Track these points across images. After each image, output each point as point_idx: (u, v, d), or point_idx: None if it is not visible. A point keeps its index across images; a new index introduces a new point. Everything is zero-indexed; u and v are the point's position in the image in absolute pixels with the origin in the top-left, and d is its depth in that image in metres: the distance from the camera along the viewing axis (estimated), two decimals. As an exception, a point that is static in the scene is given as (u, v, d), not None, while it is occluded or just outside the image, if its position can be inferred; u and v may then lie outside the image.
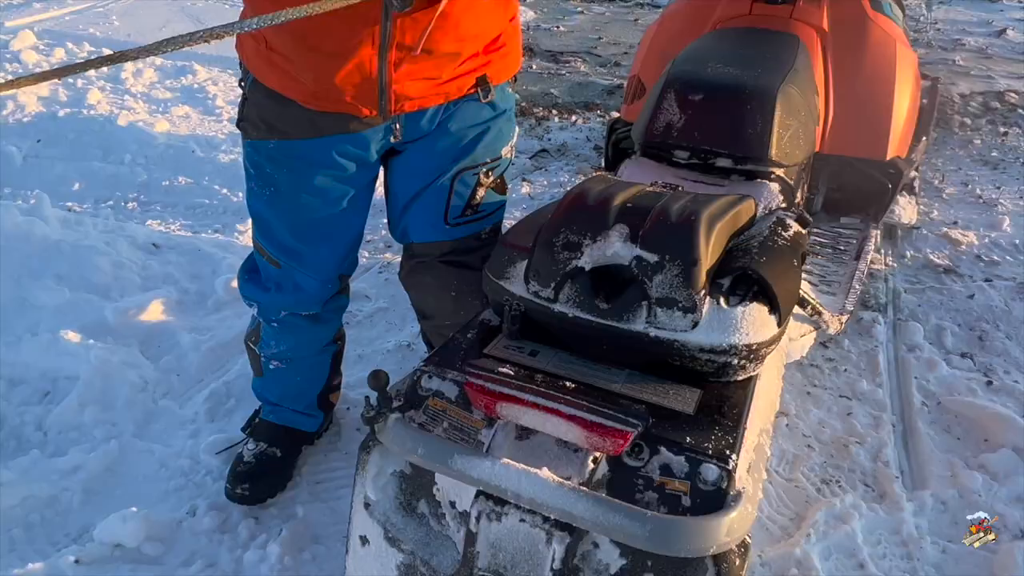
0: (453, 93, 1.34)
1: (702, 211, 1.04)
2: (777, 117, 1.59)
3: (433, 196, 1.43)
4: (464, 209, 1.46)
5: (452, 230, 1.46)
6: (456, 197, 1.44)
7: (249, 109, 1.38)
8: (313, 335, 1.65)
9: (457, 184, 1.43)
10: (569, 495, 0.82)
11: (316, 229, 1.44)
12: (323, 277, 1.52)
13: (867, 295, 2.60)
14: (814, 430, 2.00)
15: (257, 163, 1.40)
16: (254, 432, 1.76)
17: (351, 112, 1.28)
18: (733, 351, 0.99)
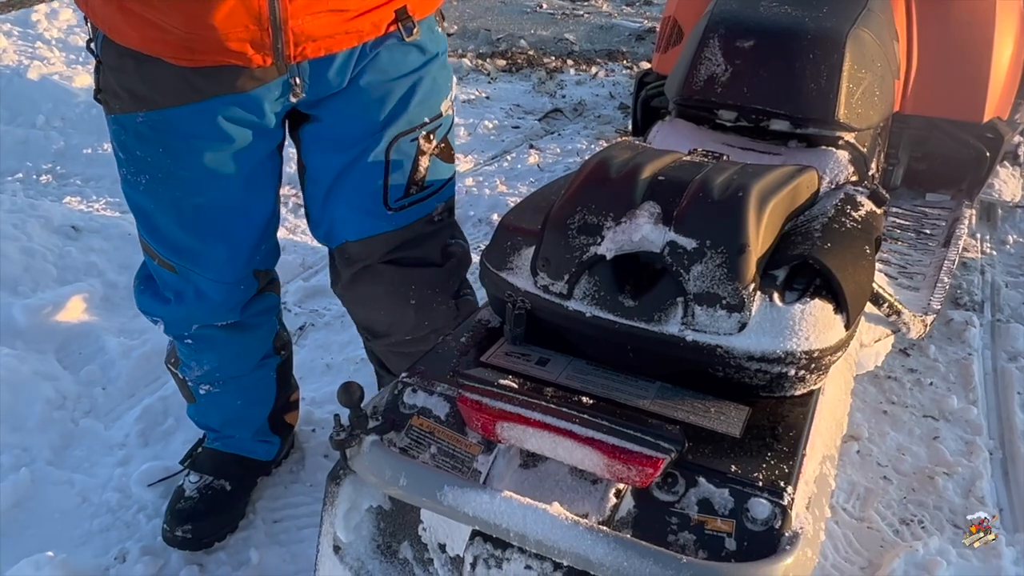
0: (368, 31, 1.29)
1: (751, 185, 1.05)
2: (846, 69, 1.59)
3: (364, 174, 1.39)
4: (407, 187, 1.42)
5: (396, 216, 1.42)
6: (395, 172, 1.40)
7: (106, 76, 1.32)
8: (241, 348, 1.63)
9: (393, 154, 1.39)
10: (585, 536, 0.83)
11: (209, 220, 1.39)
12: (231, 277, 1.48)
13: (959, 291, 2.61)
14: (892, 458, 2.01)
15: (126, 143, 1.35)
16: (196, 462, 1.77)
17: (236, 62, 1.22)
18: (790, 359, 1.00)
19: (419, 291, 1.48)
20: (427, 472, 0.92)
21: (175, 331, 1.59)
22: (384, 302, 1.49)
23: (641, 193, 1.06)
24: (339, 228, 1.46)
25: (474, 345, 1.12)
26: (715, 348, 1.01)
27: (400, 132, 1.38)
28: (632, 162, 1.11)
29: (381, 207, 1.41)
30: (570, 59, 4.95)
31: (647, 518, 0.89)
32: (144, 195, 1.39)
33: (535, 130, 3.95)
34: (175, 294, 1.51)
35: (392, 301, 1.48)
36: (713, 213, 1.02)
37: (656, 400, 1.01)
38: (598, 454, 0.87)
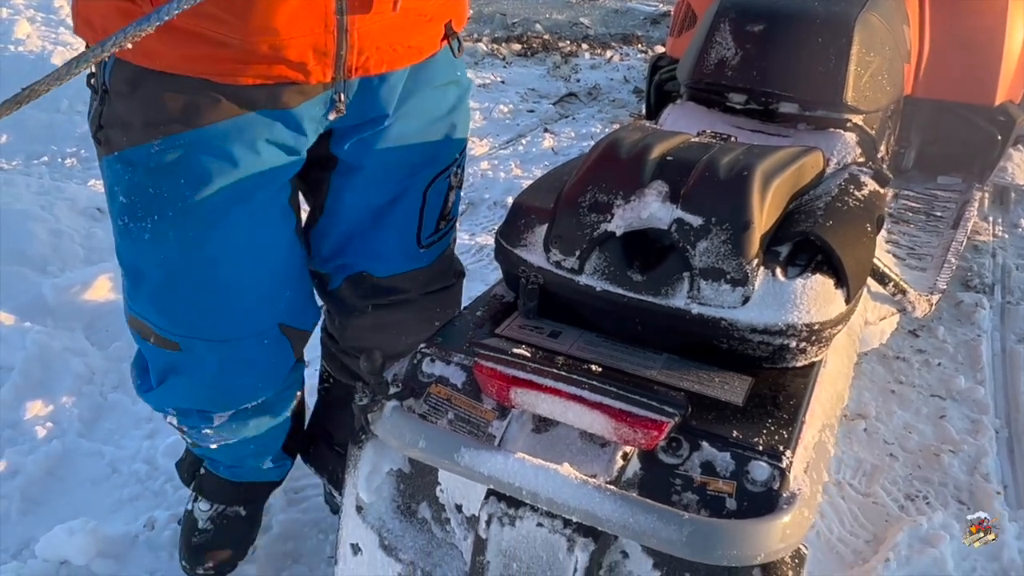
0: (426, 47, 1.23)
1: (757, 165, 1.09)
2: (855, 52, 1.62)
3: (400, 214, 1.33)
4: (438, 223, 1.38)
5: (426, 253, 1.39)
6: (429, 211, 1.35)
7: (112, 108, 1.15)
8: (269, 429, 1.47)
9: (430, 194, 1.34)
10: (594, 494, 0.88)
11: (228, 259, 1.21)
12: (249, 330, 1.28)
13: (969, 273, 2.64)
14: (898, 436, 2.05)
15: (131, 183, 1.16)
16: (205, 489, 1.64)
17: (295, 77, 1.11)
18: (791, 331, 1.04)
19: (442, 313, 1.45)
20: (445, 435, 0.97)
21: (191, 424, 1.40)
22: (413, 328, 1.41)
23: (650, 173, 1.11)
24: (362, 265, 1.38)
25: (489, 319, 1.17)
26: (719, 321, 1.05)
27: (438, 172, 1.35)
28: (641, 143, 1.15)
29: (414, 246, 1.37)
30: (585, 43, 4.97)
31: (652, 479, 0.94)
32: (148, 245, 1.19)
33: (550, 114, 3.99)
34: (182, 378, 1.31)
35: (420, 327, 1.38)
36: (719, 191, 1.07)
37: (663, 370, 1.06)
38: (606, 418, 0.91)
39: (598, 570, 0.96)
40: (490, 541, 0.98)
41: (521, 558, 0.97)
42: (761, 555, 0.86)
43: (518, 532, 0.96)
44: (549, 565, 0.96)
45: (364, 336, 1.48)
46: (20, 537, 1.75)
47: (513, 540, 0.97)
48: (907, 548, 1.73)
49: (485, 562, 0.98)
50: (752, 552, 0.85)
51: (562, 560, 0.95)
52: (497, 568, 0.98)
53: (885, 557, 1.72)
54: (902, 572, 1.69)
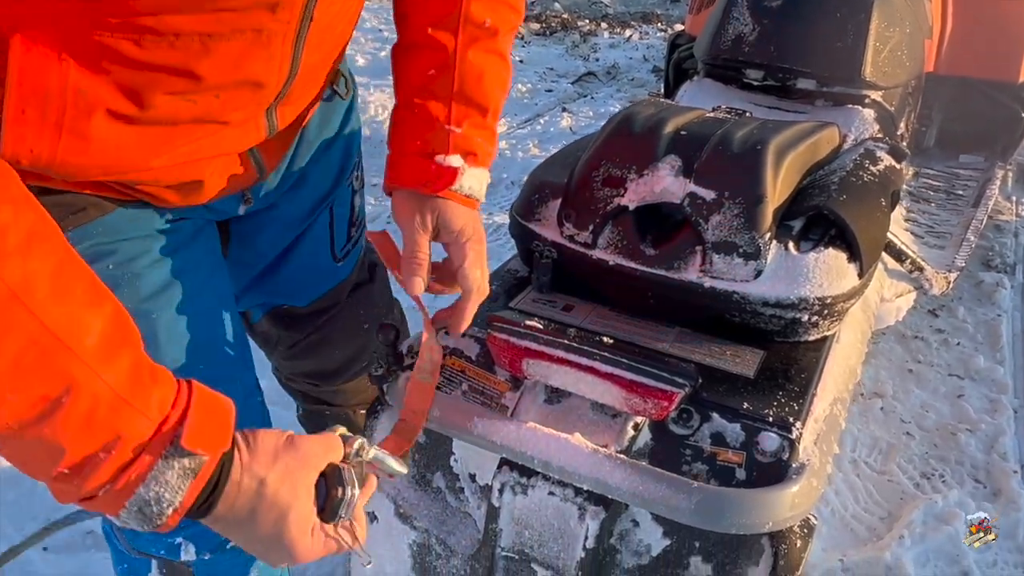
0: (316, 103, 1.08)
1: (770, 139, 1.10)
2: (873, 27, 1.61)
3: (313, 240, 1.24)
4: (348, 232, 1.29)
5: (343, 266, 1.30)
6: (339, 223, 1.25)
7: None
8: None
9: (336, 207, 1.24)
10: (604, 463, 0.90)
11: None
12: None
13: (990, 253, 2.62)
14: (915, 415, 2.05)
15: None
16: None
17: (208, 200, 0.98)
18: (803, 305, 1.05)
19: (367, 314, 1.37)
20: (458, 405, 0.99)
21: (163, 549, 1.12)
22: (341, 339, 1.35)
23: (663, 147, 1.11)
24: (279, 300, 1.28)
25: (503, 293, 1.19)
26: (731, 294, 1.06)
27: (340, 182, 1.25)
28: (655, 118, 1.16)
29: (330, 264, 1.28)
30: (604, 22, 4.95)
31: (663, 449, 0.96)
32: None
33: (568, 93, 3.98)
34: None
35: (348, 335, 1.34)
36: (732, 165, 1.07)
37: (675, 343, 1.07)
38: (617, 388, 0.93)
39: (609, 538, 0.98)
40: (503, 509, 1.00)
41: (533, 526, 0.99)
42: (769, 523, 0.87)
43: (530, 501, 0.98)
44: (560, 533, 0.98)
45: (297, 364, 1.40)
46: (48, 507, 1.80)
47: (525, 508, 0.99)
48: (922, 525, 1.74)
49: (498, 530, 1.01)
50: (760, 520, 0.87)
51: (573, 528, 0.97)
52: (510, 536, 1.00)
53: (899, 534, 1.73)
54: (916, 549, 1.70)
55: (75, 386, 0.61)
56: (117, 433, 0.63)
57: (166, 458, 0.65)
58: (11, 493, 1.83)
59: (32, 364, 0.60)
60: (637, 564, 0.99)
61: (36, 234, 0.63)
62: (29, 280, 0.61)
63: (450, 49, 0.94)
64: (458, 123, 0.95)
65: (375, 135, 3.42)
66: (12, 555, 0.85)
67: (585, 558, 0.97)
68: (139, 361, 0.67)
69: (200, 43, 0.75)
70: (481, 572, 1.05)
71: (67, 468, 0.63)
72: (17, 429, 0.61)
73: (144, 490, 0.65)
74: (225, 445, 0.69)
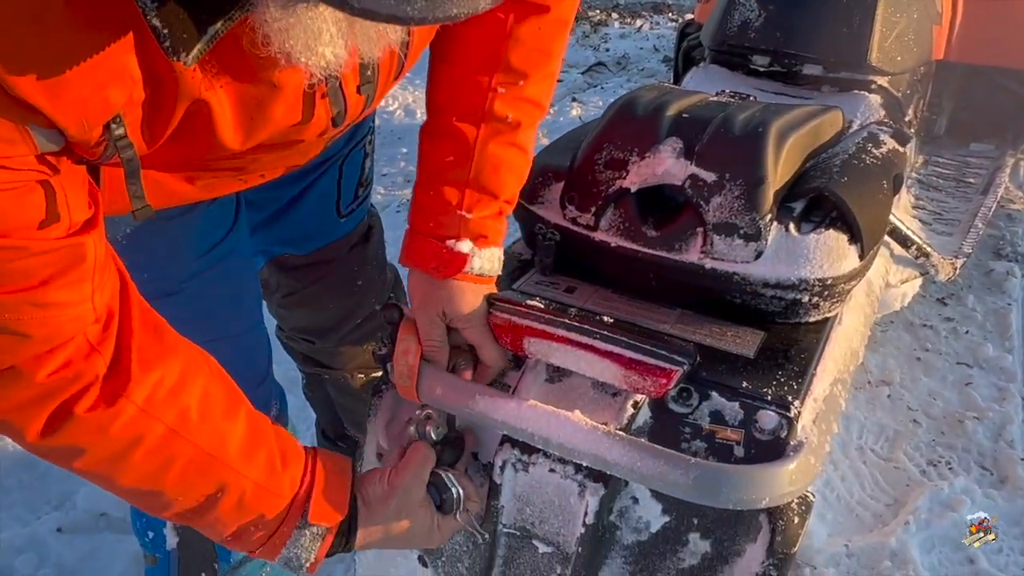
0: None
1: (772, 121, 1.10)
2: (880, 13, 1.61)
3: (317, 196, 1.32)
4: (356, 192, 1.37)
5: (346, 222, 1.38)
6: (346, 182, 1.34)
7: None
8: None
9: (346, 167, 1.32)
10: (603, 439, 0.91)
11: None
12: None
13: (1001, 241, 2.61)
14: (922, 403, 2.05)
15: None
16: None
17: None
18: (803, 286, 1.06)
19: (361, 272, 1.44)
20: (461, 382, 1.00)
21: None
22: (334, 294, 1.43)
23: (665, 129, 1.12)
24: (281, 249, 1.37)
25: (507, 275, 1.19)
26: (732, 275, 1.07)
27: (352, 147, 1.32)
28: (658, 101, 1.17)
29: (333, 218, 1.35)
30: (615, 11, 4.94)
31: (662, 427, 0.97)
32: None
33: (578, 83, 3.98)
34: None
35: (342, 292, 1.43)
36: (733, 147, 1.08)
37: (676, 324, 1.08)
38: (616, 366, 0.94)
39: (608, 515, 1.00)
40: (504, 486, 1.01)
41: (534, 503, 1.01)
42: (766, 499, 0.88)
43: (531, 478, 1.00)
44: (561, 509, 0.99)
45: (292, 315, 1.49)
46: (62, 490, 1.83)
47: (526, 485, 1.00)
48: (927, 512, 1.75)
49: (499, 506, 1.02)
50: (757, 496, 0.88)
51: (573, 505, 0.98)
52: (511, 512, 1.02)
53: (905, 520, 1.73)
54: (921, 535, 1.71)
55: (226, 485, 0.85)
56: (261, 512, 0.88)
57: (299, 528, 0.90)
58: (26, 476, 1.87)
59: (194, 475, 0.83)
60: (636, 540, 1.00)
61: (185, 373, 0.83)
62: (182, 414, 0.81)
63: (471, 140, 0.99)
64: (470, 209, 1.00)
65: (385, 126, 3.44)
66: None
67: (585, 534, 0.98)
68: (271, 452, 0.89)
69: (252, 160, 0.91)
70: (484, 548, 1.07)
71: (230, 537, 0.89)
72: (189, 517, 0.86)
73: (286, 551, 0.90)
74: (342, 514, 0.93)
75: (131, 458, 0.79)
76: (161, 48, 0.63)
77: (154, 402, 0.79)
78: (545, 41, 0.99)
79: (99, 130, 0.67)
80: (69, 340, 0.74)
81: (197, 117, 0.73)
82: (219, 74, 0.71)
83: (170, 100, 0.70)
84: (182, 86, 0.69)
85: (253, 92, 0.75)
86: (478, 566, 1.08)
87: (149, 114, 0.70)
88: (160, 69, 0.67)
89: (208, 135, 0.76)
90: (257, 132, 0.80)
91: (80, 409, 0.75)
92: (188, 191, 0.92)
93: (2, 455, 1.87)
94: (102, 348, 0.77)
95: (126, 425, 0.78)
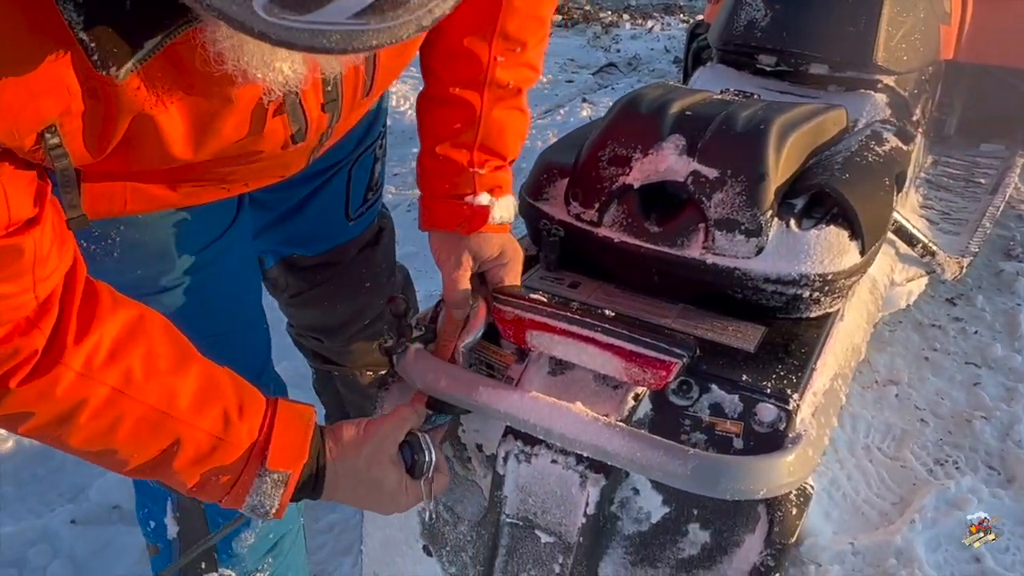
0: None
1: (774, 119, 1.12)
2: (885, 12, 1.62)
3: (326, 198, 1.32)
4: (365, 195, 1.37)
5: (355, 226, 1.39)
6: (356, 186, 1.34)
7: None
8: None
9: (355, 171, 1.33)
10: (603, 430, 0.92)
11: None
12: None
13: (1011, 242, 2.60)
14: (930, 402, 2.06)
15: None
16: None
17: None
18: (804, 281, 1.07)
19: (369, 273, 1.46)
20: (464, 374, 1.02)
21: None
22: (344, 294, 1.44)
23: (668, 127, 1.14)
24: (290, 250, 1.39)
25: (512, 270, 1.22)
26: (734, 271, 1.09)
27: (362, 151, 1.33)
28: (662, 99, 1.18)
29: (342, 221, 1.36)
30: (627, 13, 4.95)
31: (662, 420, 0.98)
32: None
33: (589, 84, 4.00)
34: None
35: (350, 293, 1.44)
36: (735, 144, 1.10)
37: (678, 319, 1.10)
38: (617, 358, 0.96)
39: (609, 505, 1.01)
40: (507, 477, 1.03)
41: (536, 493, 1.02)
42: (764, 490, 0.90)
43: (533, 468, 1.02)
44: (562, 500, 1.01)
45: (301, 314, 1.51)
46: (76, 483, 1.87)
47: (529, 476, 1.02)
48: (933, 511, 1.75)
49: (503, 497, 1.04)
50: (754, 487, 0.89)
51: (574, 495, 1.00)
52: (515, 502, 1.04)
53: (910, 519, 1.74)
54: (927, 534, 1.71)
55: (181, 438, 0.85)
56: (219, 463, 0.88)
57: (260, 476, 0.89)
58: (40, 469, 1.90)
59: (145, 432, 0.84)
60: (637, 530, 1.02)
61: (125, 334, 0.83)
62: (125, 374, 0.82)
63: (476, 107, 1.03)
64: (480, 166, 1.05)
65: (396, 126, 3.46)
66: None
67: (586, 524, 1.00)
68: (228, 404, 0.88)
69: (230, 172, 0.92)
70: (487, 538, 1.09)
71: (194, 488, 0.89)
72: (149, 471, 0.87)
73: (249, 499, 0.90)
74: (303, 459, 0.92)
75: (77, 420, 0.80)
76: (90, 62, 0.63)
77: (92, 366, 0.80)
78: (538, 7, 1.03)
79: (32, 138, 0.66)
80: (8, 323, 0.75)
81: (143, 129, 0.73)
82: (170, 89, 0.71)
83: (111, 113, 0.70)
84: (123, 100, 0.69)
85: (206, 106, 0.75)
86: (481, 555, 1.10)
87: (90, 125, 0.70)
88: (98, 82, 0.66)
89: (157, 147, 0.76)
90: (207, 145, 0.80)
91: (14, 383, 0.76)
92: (171, 197, 0.93)
93: (17, 449, 1.91)
94: (42, 324, 0.77)
95: (67, 390, 0.79)
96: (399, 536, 1.19)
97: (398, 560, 1.21)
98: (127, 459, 0.86)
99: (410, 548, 1.19)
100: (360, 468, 0.95)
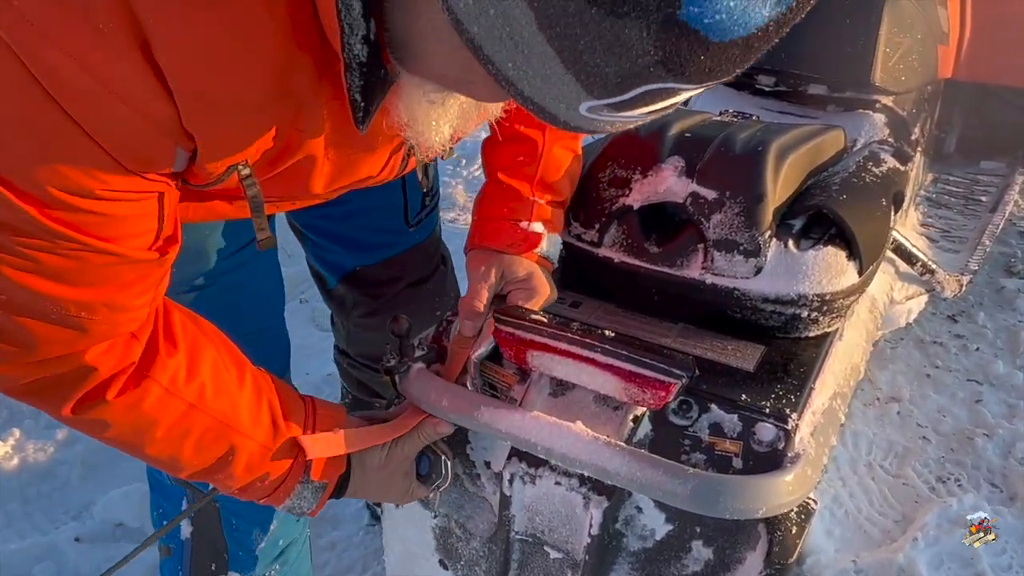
0: None
1: (772, 140, 1.13)
2: (883, 33, 1.64)
3: (383, 199, 1.32)
4: (423, 199, 1.37)
5: (417, 232, 1.38)
6: (411, 188, 1.34)
7: None
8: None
9: (409, 176, 1.27)
10: (603, 450, 0.93)
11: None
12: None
13: (1013, 259, 2.61)
14: (932, 419, 2.06)
15: None
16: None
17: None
18: (802, 301, 1.08)
19: (440, 301, 1.46)
20: (467, 394, 1.03)
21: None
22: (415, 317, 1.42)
23: (667, 148, 1.16)
24: (353, 262, 1.40)
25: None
26: (732, 291, 1.10)
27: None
28: (661, 120, 1.20)
29: (403, 227, 1.37)
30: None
31: (662, 439, 0.99)
32: None
33: (591, 102, 4.02)
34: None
35: (423, 316, 1.37)
36: (734, 166, 1.11)
37: (678, 339, 1.11)
38: (616, 379, 0.96)
39: (614, 524, 1.02)
40: (514, 498, 1.04)
41: (543, 513, 1.03)
42: (763, 509, 0.90)
43: (539, 490, 1.03)
44: (568, 519, 1.02)
45: (367, 338, 1.51)
46: (80, 500, 1.88)
47: (534, 497, 1.03)
48: (936, 528, 1.75)
49: (511, 516, 1.06)
50: (753, 506, 0.89)
51: (579, 515, 1.01)
52: (522, 521, 1.05)
53: (913, 537, 1.74)
54: (930, 552, 1.71)
55: (236, 448, 0.92)
56: (266, 471, 0.96)
57: (303, 483, 1.00)
58: (45, 486, 1.91)
59: (209, 442, 0.91)
60: (642, 547, 1.02)
61: (196, 349, 0.89)
62: (200, 390, 0.88)
63: (539, 144, 1.12)
64: (539, 196, 1.12)
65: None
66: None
67: (591, 543, 1.01)
68: (275, 410, 0.96)
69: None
70: (499, 553, 1.10)
71: (239, 489, 0.98)
72: (201, 476, 0.94)
73: (289, 502, 1.00)
74: (340, 471, 1.02)
75: (154, 432, 0.87)
76: (353, 119, 0.71)
77: (177, 383, 0.86)
78: None
79: (223, 166, 0.73)
80: (125, 334, 0.80)
81: (300, 169, 0.81)
82: (339, 139, 0.79)
83: (283, 157, 0.78)
84: (305, 147, 0.77)
85: (351, 152, 0.84)
86: (495, 569, 1.11)
87: (263, 162, 0.77)
88: (294, 129, 0.74)
89: (302, 183, 0.84)
90: (340, 182, 0.88)
91: (111, 394, 0.81)
92: (230, 211, 0.97)
93: (23, 466, 1.92)
94: (140, 334, 0.82)
95: (153, 405, 0.85)
96: (416, 551, 1.21)
97: (416, 571, 1.23)
98: (186, 466, 0.92)
99: (427, 561, 1.21)
100: (380, 485, 1.06)
